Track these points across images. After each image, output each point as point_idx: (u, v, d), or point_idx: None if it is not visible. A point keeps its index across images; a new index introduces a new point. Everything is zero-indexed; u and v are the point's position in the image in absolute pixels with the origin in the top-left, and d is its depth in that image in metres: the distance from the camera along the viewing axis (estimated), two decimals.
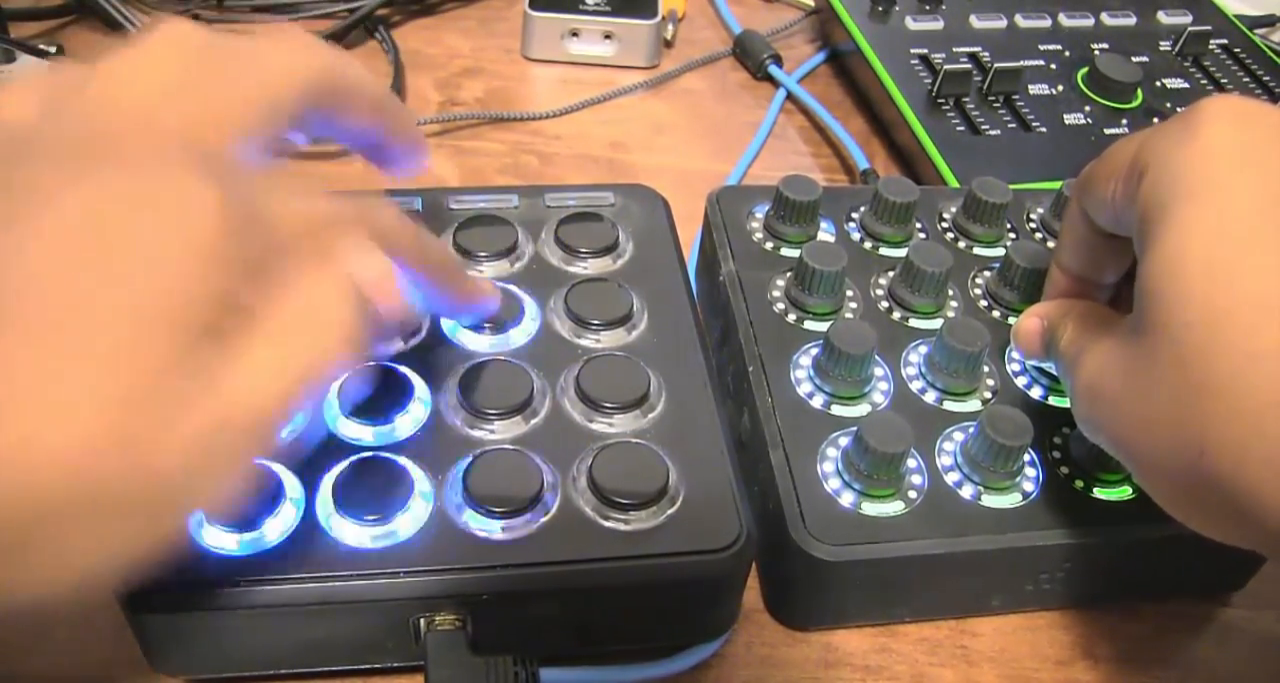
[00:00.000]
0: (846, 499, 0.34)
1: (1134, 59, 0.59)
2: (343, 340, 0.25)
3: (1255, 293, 0.25)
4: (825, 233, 0.43)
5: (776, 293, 0.40)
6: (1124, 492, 0.36)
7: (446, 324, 0.37)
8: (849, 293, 0.41)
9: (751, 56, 0.63)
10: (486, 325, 0.37)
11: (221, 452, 0.23)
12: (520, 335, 0.37)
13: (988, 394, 0.38)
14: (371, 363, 0.34)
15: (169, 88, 0.27)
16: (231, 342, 0.23)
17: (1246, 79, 0.60)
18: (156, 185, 0.23)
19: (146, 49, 0.28)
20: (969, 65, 0.57)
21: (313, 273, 0.25)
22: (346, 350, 0.25)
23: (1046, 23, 0.62)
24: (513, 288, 0.38)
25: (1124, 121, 0.56)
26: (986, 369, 0.39)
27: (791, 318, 0.40)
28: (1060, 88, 0.58)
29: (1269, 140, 0.27)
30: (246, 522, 0.30)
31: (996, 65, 0.56)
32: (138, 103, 0.26)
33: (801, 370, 0.38)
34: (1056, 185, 0.45)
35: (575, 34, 0.61)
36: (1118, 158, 0.31)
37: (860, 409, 0.37)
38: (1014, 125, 0.55)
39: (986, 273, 0.42)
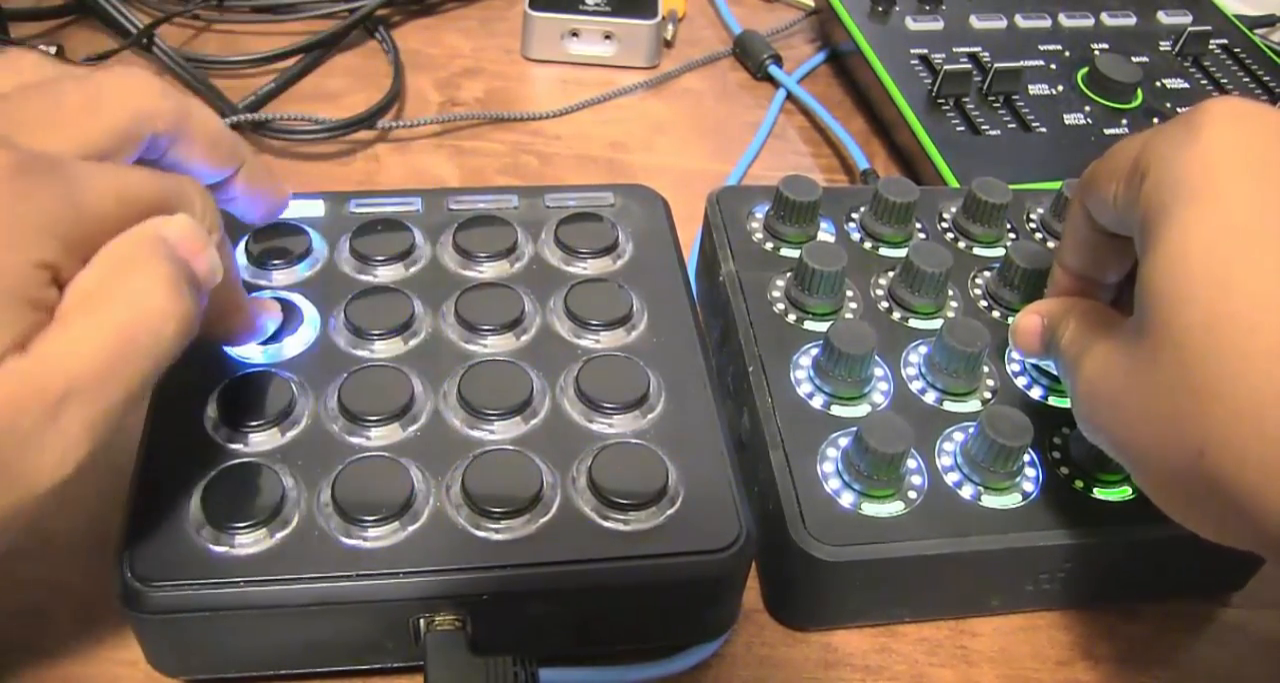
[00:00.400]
0: (846, 500, 0.34)
1: (1134, 59, 0.59)
2: (158, 302, 0.26)
3: (1256, 295, 0.25)
4: (825, 233, 0.43)
5: (776, 293, 0.40)
6: (1124, 492, 0.36)
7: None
8: (849, 293, 0.41)
9: (751, 56, 0.63)
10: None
11: (35, 416, 0.24)
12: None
13: (988, 394, 0.38)
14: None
15: None
16: (53, 313, 0.25)
17: (1246, 79, 0.60)
18: None
19: None
20: (969, 65, 0.57)
21: (126, 239, 0.26)
22: (164, 310, 0.26)
23: (1046, 23, 0.62)
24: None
25: (1124, 121, 0.56)
26: (986, 369, 0.39)
27: (791, 318, 0.40)
28: (1060, 88, 0.58)
29: (1270, 143, 0.27)
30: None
31: (996, 65, 0.56)
32: None
33: (801, 371, 0.38)
34: (1056, 185, 0.45)
35: (575, 34, 0.61)
36: (1120, 158, 0.31)
37: (860, 409, 0.37)
38: (1014, 125, 0.55)
39: (986, 273, 0.42)
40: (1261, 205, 0.26)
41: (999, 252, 0.43)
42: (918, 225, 0.44)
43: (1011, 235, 0.45)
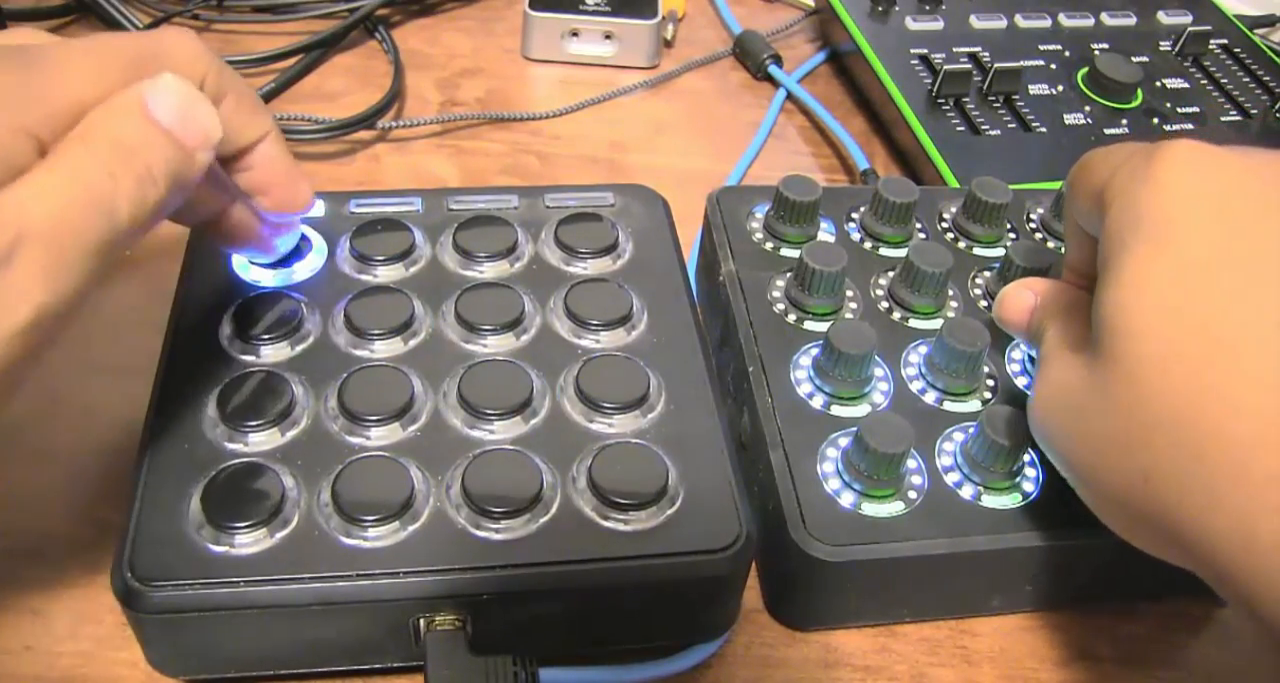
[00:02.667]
0: (846, 499, 0.34)
1: (1134, 59, 0.59)
2: (128, 157, 0.27)
3: (1203, 335, 0.26)
4: (825, 233, 0.43)
5: (776, 293, 0.40)
6: None
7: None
8: (849, 293, 0.41)
9: (751, 56, 0.63)
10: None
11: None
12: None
13: (988, 394, 0.38)
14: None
15: None
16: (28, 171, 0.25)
17: (1246, 79, 0.60)
18: None
19: None
20: (969, 65, 0.57)
21: (103, 106, 0.27)
22: (126, 167, 0.27)
23: (1046, 23, 0.62)
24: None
25: (1124, 121, 0.56)
26: (986, 369, 0.39)
27: (791, 318, 0.40)
28: (1060, 88, 0.58)
29: (1227, 185, 0.28)
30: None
31: (996, 65, 0.56)
32: None
33: (801, 371, 0.38)
34: (1056, 185, 0.45)
35: (575, 34, 0.61)
36: (1089, 178, 0.31)
37: (860, 409, 0.37)
38: (1014, 125, 0.55)
39: (986, 273, 0.42)
40: (1216, 246, 0.27)
41: (999, 252, 0.43)
42: (918, 225, 0.44)
43: (1011, 235, 0.45)
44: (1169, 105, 0.58)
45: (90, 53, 0.27)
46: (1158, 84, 0.59)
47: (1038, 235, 0.45)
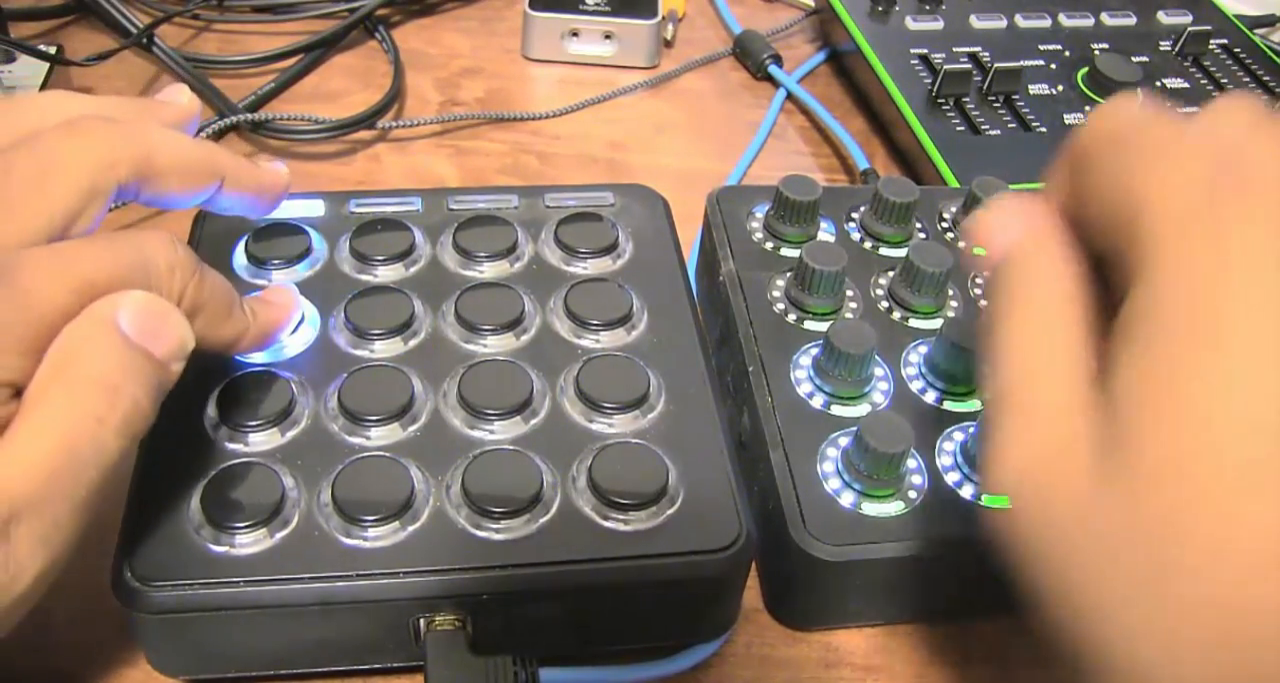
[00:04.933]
0: (846, 499, 0.34)
1: (1134, 59, 0.59)
2: (97, 408, 0.25)
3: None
4: (825, 233, 0.43)
5: (776, 293, 0.40)
6: None
7: None
8: (849, 293, 0.41)
9: (751, 56, 0.63)
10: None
11: None
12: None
13: (988, 394, 0.38)
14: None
15: None
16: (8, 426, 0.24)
17: (1246, 79, 0.60)
18: None
19: None
20: (969, 65, 0.57)
21: (71, 332, 0.26)
22: (102, 418, 0.25)
23: (1046, 23, 0.62)
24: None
25: None
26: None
27: (791, 318, 0.40)
28: (1060, 88, 0.58)
29: None
30: None
31: (996, 65, 0.56)
32: None
33: (801, 370, 0.38)
34: None
35: (575, 34, 0.62)
36: (1123, 177, 0.24)
37: (860, 409, 0.37)
38: (1014, 125, 0.55)
39: (987, 273, 0.42)
40: None
41: None
42: (918, 225, 0.44)
43: None
44: (1169, 105, 0.58)
45: (66, 275, 0.26)
46: (1158, 84, 0.59)
47: None
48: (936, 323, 0.40)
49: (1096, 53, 0.60)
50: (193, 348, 0.29)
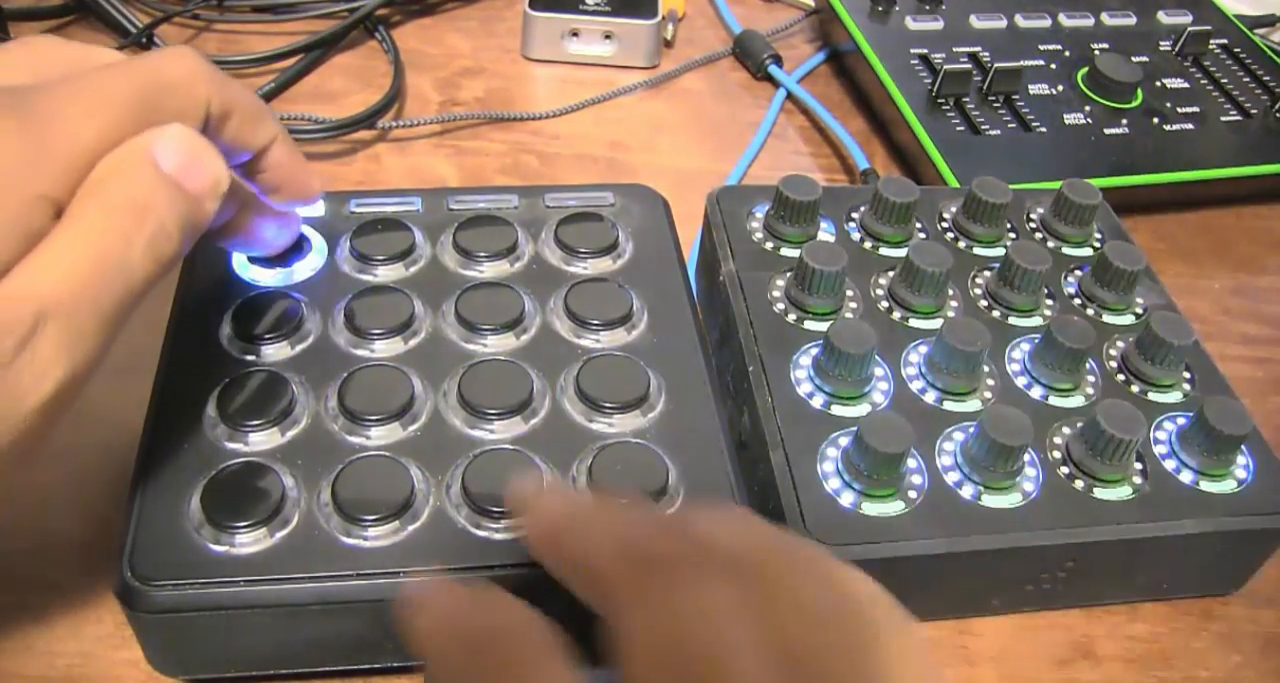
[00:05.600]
0: (846, 499, 0.34)
1: (1134, 59, 0.59)
2: (142, 215, 0.26)
3: None
4: (825, 233, 0.43)
5: (776, 293, 0.40)
6: (1124, 492, 0.36)
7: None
8: (849, 293, 0.41)
9: (751, 56, 0.63)
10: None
11: (9, 339, 0.24)
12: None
13: (988, 394, 0.38)
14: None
15: None
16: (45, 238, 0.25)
17: (1246, 79, 0.60)
18: None
19: None
20: (969, 65, 0.57)
21: (108, 162, 0.27)
22: (139, 226, 0.26)
23: (1046, 23, 0.62)
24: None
25: (1124, 121, 0.56)
26: (986, 369, 0.39)
27: (791, 318, 0.40)
28: (1060, 88, 0.58)
29: None
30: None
31: (996, 65, 0.56)
32: None
33: (801, 370, 0.38)
34: (1056, 185, 0.45)
35: (575, 34, 0.62)
36: (585, 547, 0.26)
37: (860, 409, 0.37)
38: (1014, 125, 0.55)
39: (986, 273, 0.42)
40: None
41: (999, 251, 0.43)
42: (918, 225, 0.44)
43: (1011, 235, 0.45)
44: (1169, 105, 0.58)
45: (94, 100, 0.27)
46: (1158, 84, 0.59)
47: (1038, 235, 0.45)
48: (936, 323, 0.40)
49: (1096, 53, 0.60)
50: (226, 186, 0.29)
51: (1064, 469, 0.36)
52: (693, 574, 0.24)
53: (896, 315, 0.40)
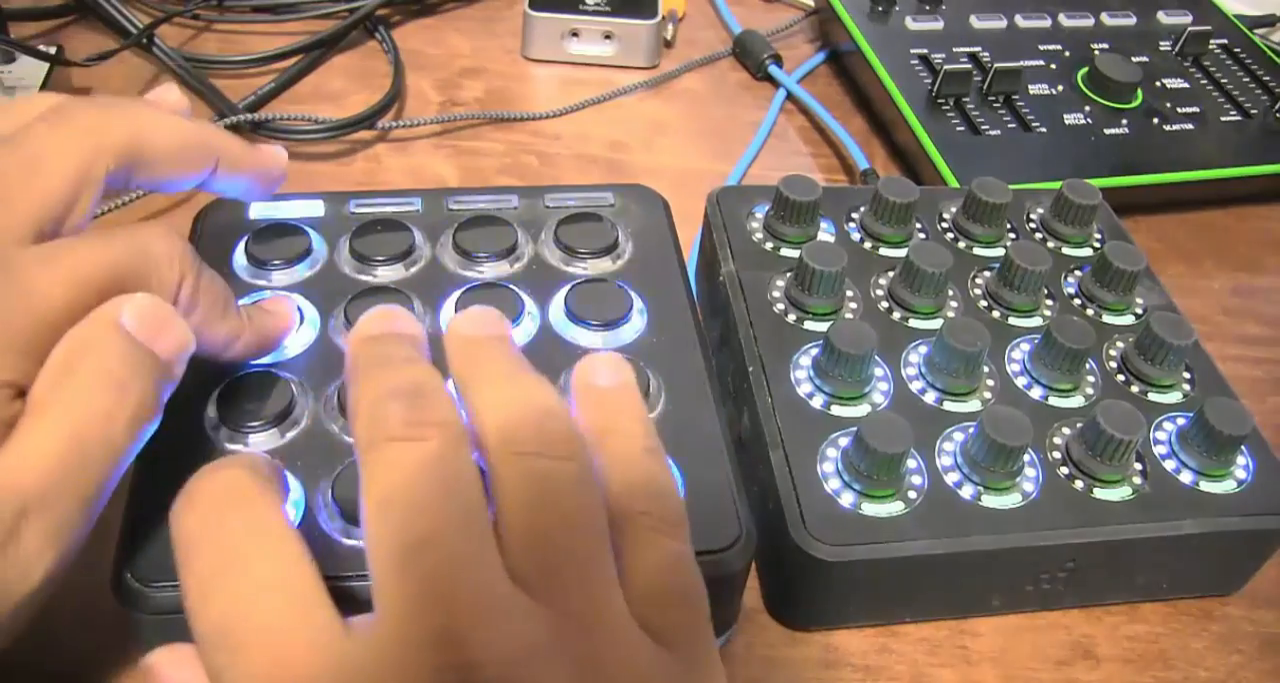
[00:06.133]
0: (846, 499, 0.34)
1: (1134, 59, 0.59)
2: (104, 404, 0.25)
3: None
4: (825, 233, 0.43)
5: (776, 293, 0.40)
6: (1124, 492, 0.36)
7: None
8: (849, 293, 0.41)
9: (751, 56, 0.63)
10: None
11: None
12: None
13: (988, 394, 0.38)
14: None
15: None
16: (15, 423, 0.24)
17: (1246, 79, 0.60)
18: None
19: None
20: (969, 65, 0.57)
21: (76, 334, 0.26)
22: (110, 413, 0.25)
23: (1046, 23, 0.62)
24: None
25: (1124, 121, 0.56)
26: (986, 369, 0.39)
27: (791, 318, 0.40)
28: (1060, 88, 0.58)
29: None
30: None
31: (996, 65, 0.56)
32: None
33: (801, 370, 0.38)
34: (1056, 185, 0.45)
35: (575, 34, 0.62)
36: None
37: (860, 409, 0.37)
38: (1014, 125, 0.55)
39: (986, 273, 0.42)
40: None
41: (999, 252, 0.43)
42: (918, 225, 0.44)
43: (1011, 235, 0.45)
44: (1169, 105, 0.58)
45: (67, 280, 0.26)
46: (1158, 84, 0.59)
47: (1038, 235, 0.45)
48: (936, 323, 0.40)
49: (1096, 53, 0.60)
50: (193, 350, 0.29)
51: (1064, 470, 0.36)
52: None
53: (896, 316, 0.40)
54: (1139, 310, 0.42)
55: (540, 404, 0.25)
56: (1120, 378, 0.39)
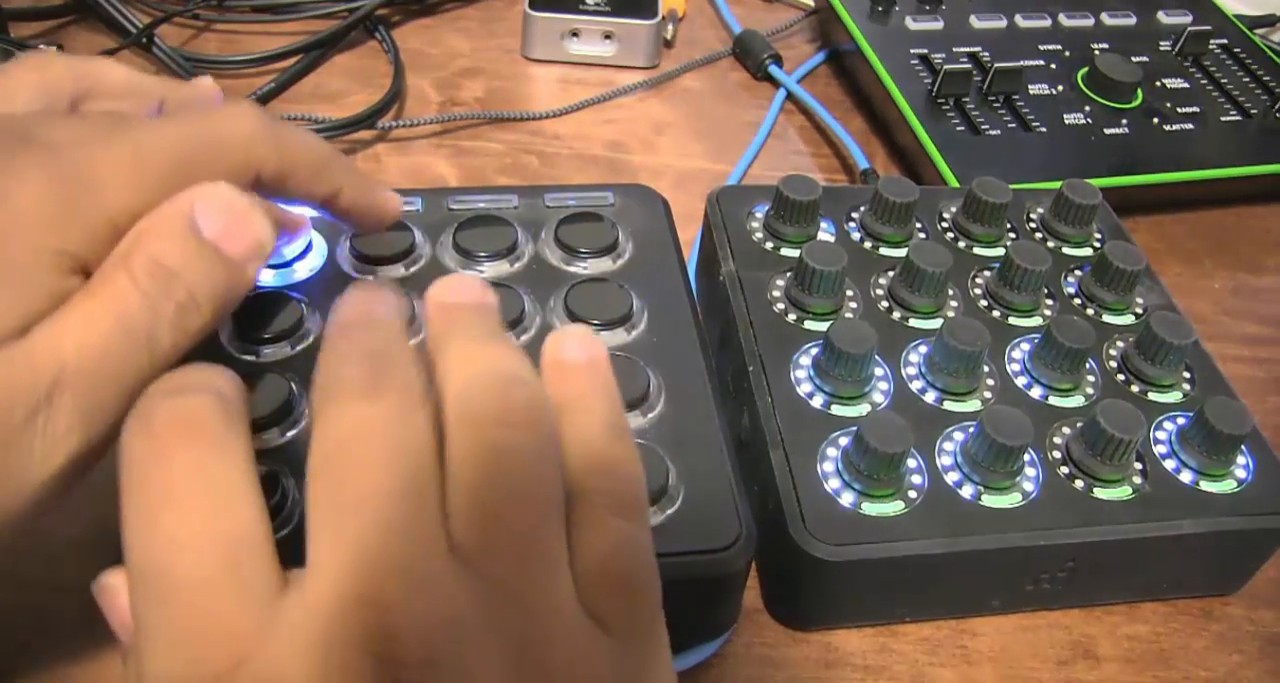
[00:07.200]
0: (846, 499, 0.34)
1: (1134, 59, 0.59)
2: (171, 283, 0.25)
3: None
4: (825, 233, 0.43)
5: (776, 293, 0.40)
6: (1124, 492, 0.36)
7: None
8: (849, 293, 0.41)
9: (751, 56, 0.63)
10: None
11: (26, 403, 0.23)
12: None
13: (988, 394, 0.38)
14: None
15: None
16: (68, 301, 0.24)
17: (1246, 79, 0.60)
18: None
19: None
20: (969, 65, 0.57)
21: (146, 223, 0.25)
22: (167, 296, 0.25)
23: (1046, 23, 0.62)
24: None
25: (1124, 121, 0.56)
26: (986, 369, 0.39)
27: (791, 318, 0.40)
28: (1060, 88, 0.58)
29: None
30: None
31: (996, 65, 0.56)
32: None
33: (801, 370, 0.38)
34: (1056, 185, 0.45)
35: (575, 34, 0.62)
36: None
37: (860, 409, 0.37)
38: (1014, 125, 0.55)
39: (986, 273, 0.42)
40: None
41: (999, 251, 0.43)
42: (918, 225, 0.44)
43: (1011, 235, 0.45)
44: (1169, 105, 0.58)
45: (137, 158, 0.25)
46: (1157, 84, 0.59)
47: (1038, 235, 0.45)
48: (936, 323, 0.40)
49: (1096, 53, 0.60)
50: (271, 248, 0.28)
51: (1064, 469, 0.36)
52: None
53: (896, 315, 0.40)
54: (1139, 310, 0.42)
55: (506, 371, 0.24)
56: (1120, 378, 0.39)
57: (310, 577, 0.21)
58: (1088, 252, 0.45)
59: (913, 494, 0.35)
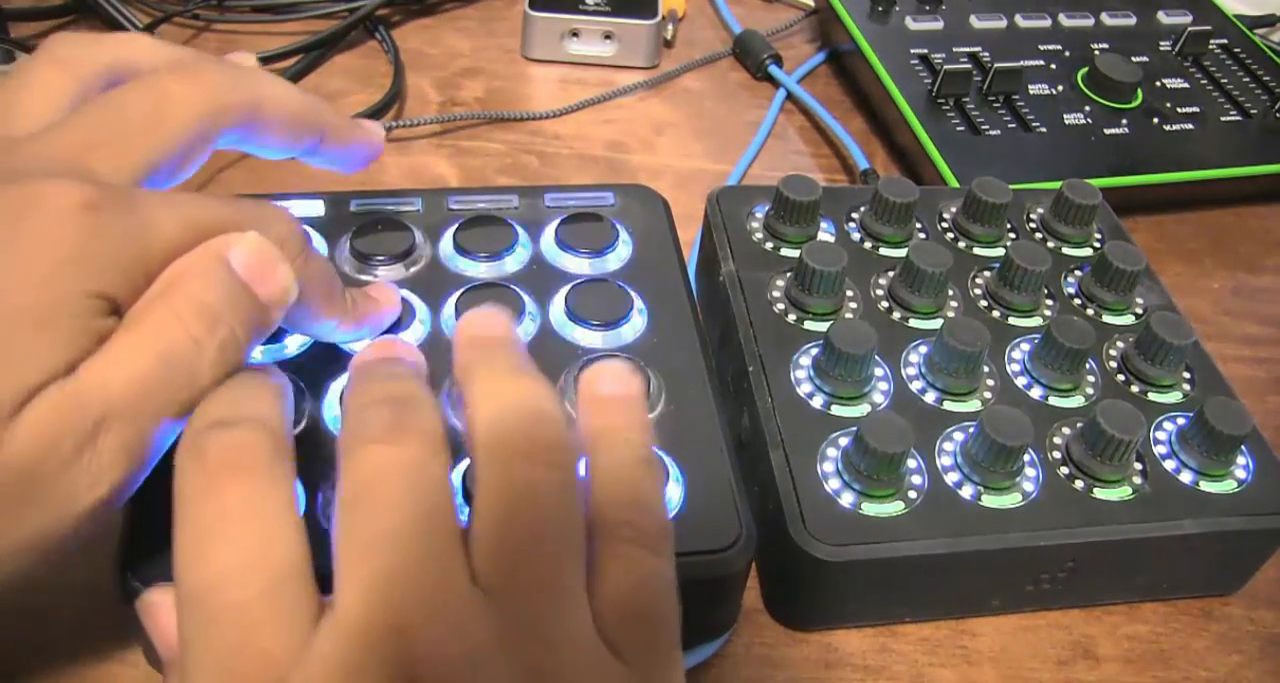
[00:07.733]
0: (846, 499, 0.34)
1: (1134, 59, 0.59)
2: (213, 321, 0.26)
3: None
4: (825, 233, 0.43)
5: (776, 293, 0.40)
6: (1124, 492, 0.36)
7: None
8: (849, 293, 0.41)
9: (751, 56, 0.63)
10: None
11: (75, 438, 0.24)
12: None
13: (988, 394, 0.38)
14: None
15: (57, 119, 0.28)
16: (108, 338, 0.25)
17: (1246, 79, 0.60)
18: (21, 196, 0.24)
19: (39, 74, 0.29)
20: (969, 65, 0.57)
21: (184, 261, 0.26)
22: (210, 332, 0.26)
23: (1046, 23, 0.62)
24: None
25: (1124, 121, 0.56)
26: (986, 369, 0.39)
27: (791, 318, 0.40)
28: (1060, 88, 0.58)
29: None
30: None
31: (996, 65, 0.56)
32: (26, 130, 0.28)
33: (801, 370, 0.38)
34: (1056, 185, 0.45)
35: (575, 34, 0.62)
36: None
37: (860, 409, 0.37)
38: (1014, 125, 0.55)
39: (986, 273, 0.42)
40: None
41: (999, 252, 0.43)
42: (918, 225, 0.44)
43: (1011, 235, 0.45)
44: (1169, 105, 0.58)
45: (184, 219, 0.26)
46: (1157, 84, 0.59)
47: (1038, 235, 0.45)
48: (936, 323, 0.40)
49: (1096, 53, 0.60)
50: (293, 300, 0.29)
51: (1064, 469, 0.36)
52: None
53: (896, 315, 0.40)
54: (1139, 310, 0.42)
55: (534, 407, 0.25)
56: (1120, 378, 0.39)
57: (340, 607, 0.22)
58: (1088, 252, 0.45)
59: (913, 495, 0.35)
